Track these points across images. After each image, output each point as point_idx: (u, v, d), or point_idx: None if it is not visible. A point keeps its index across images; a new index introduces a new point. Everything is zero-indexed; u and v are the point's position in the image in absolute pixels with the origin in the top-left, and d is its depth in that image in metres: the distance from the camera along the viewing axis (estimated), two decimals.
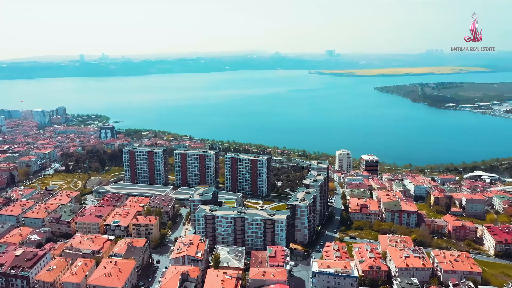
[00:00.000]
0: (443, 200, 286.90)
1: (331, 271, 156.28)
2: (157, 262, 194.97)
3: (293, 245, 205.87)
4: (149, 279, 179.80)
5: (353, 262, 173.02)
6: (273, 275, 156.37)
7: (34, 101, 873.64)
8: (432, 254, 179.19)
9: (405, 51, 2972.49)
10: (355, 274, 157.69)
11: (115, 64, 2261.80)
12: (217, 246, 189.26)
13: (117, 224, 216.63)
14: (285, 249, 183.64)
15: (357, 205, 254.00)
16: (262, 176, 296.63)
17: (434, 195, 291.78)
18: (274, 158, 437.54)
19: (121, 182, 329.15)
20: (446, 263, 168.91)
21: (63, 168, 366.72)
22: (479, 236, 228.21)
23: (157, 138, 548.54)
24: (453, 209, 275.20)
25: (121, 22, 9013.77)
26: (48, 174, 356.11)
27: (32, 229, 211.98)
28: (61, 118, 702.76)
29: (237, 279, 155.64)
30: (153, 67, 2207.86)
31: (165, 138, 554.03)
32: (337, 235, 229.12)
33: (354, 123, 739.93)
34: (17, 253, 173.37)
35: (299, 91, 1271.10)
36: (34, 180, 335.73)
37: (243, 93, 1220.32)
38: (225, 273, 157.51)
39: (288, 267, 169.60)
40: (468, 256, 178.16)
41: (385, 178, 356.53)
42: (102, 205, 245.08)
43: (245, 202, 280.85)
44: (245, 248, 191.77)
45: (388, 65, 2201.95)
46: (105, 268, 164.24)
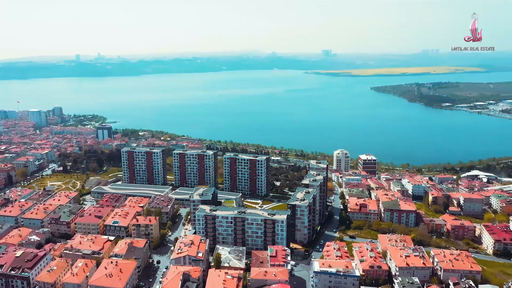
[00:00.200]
0: (441, 200, 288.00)
1: (333, 270, 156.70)
2: (157, 262, 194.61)
3: (293, 245, 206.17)
4: (150, 279, 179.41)
5: (354, 262, 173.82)
6: (274, 275, 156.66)
7: (30, 102, 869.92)
8: (432, 253, 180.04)
9: (400, 51, 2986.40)
10: (357, 274, 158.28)
11: (111, 64, 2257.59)
12: (218, 246, 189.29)
13: (117, 225, 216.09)
14: (286, 248, 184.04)
15: (356, 204, 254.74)
16: (261, 176, 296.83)
17: (432, 194, 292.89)
18: (272, 158, 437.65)
19: (119, 183, 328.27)
20: (446, 262, 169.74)
21: (60, 169, 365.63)
22: (477, 235, 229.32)
23: (155, 138, 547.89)
24: (451, 208, 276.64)
25: (117, 22, 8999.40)
26: (46, 175, 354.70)
27: (31, 230, 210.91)
28: (57, 118, 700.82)
29: (238, 279, 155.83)
30: (149, 67, 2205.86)
31: (162, 138, 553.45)
32: (336, 234, 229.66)
33: (351, 123, 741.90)
34: (17, 254, 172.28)
35: (295, 91, 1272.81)
36: (32, 181, 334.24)
37: (239, 93, 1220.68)
38: (226, 273, 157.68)
39: (289, 266, 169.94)
40: (467, 255, 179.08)
41: (383, 177, 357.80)
42: (101, 205, 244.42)
43: (244, 202, 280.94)
44: (245, 248, 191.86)
45: (384, 65, 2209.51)
46: (106, 268, 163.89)
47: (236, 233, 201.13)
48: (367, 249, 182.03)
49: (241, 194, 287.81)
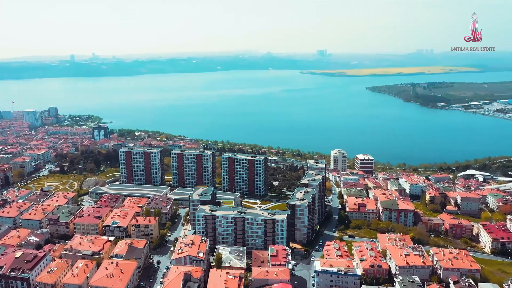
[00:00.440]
0: (438, 199, 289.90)
1: (334, 270, 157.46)
2: (157, 262, 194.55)
3: (293, 245, 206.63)
4: (150, 279, 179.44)
5: (354, 261, 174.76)
6: (276, 274, 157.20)
7: (25, 102, 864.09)
8: (432, 252, 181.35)
9: (395, 51, 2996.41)
10: (358, 273, 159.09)
11: (106, 64, 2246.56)
12: (218, 246, 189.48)
13: (116, 225, 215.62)
14: (287, 248, 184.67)
15: (354, 204, 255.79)
16: (260, 176, 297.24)
17: (429, 193, 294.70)
18: (269, 158, 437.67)
19: (117, 183, 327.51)
20: (446, 260, 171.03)
21: (57, 169, 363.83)
22: (475, 234, 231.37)
23: (151, 138, 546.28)
24: (448, 207, 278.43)
25: (111, 22, 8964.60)
26: (43, 175, 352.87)
27: (30, 230, 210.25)
28: (53, 118, 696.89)
29: (240, 278, 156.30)
30: (144, 67, 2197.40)
31: (159, 138, 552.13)
32: (336, 234, 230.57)
33: (347, 123, 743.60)
34: (17, 255, 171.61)
35: (291, 91, 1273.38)
36: (29, 181, 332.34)
37: (235, 93, 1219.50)
38: (227, 273, 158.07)
39: (290, 266, 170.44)
40: (466, 253, 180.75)
41: (380, 177, 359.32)
42: (100, 206, 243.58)
43: (242, 202, 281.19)
44: (245, 248, 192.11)
45: (379, 65, 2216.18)
46: (106, 269, 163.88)
47: (236, 233, 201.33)
48: (367, 248, 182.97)
49: (239, 194, 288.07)
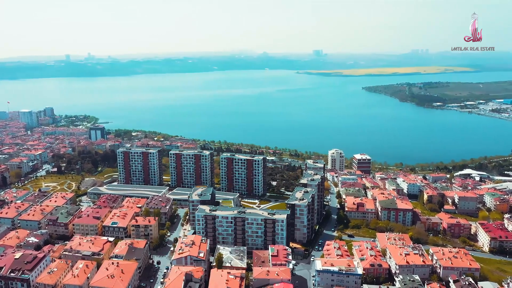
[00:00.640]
0: (436, 198, 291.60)
1: (335, 269, 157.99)
2: (157, 263, 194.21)
3: (292, 244, 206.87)
4: (151, 280, 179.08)
5: (354, 260, 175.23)
6: (277, 274, 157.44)
7: (20, 102, 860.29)
8: (431, 251, 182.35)
9: (391, 51, 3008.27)
10: (359, 272, 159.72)
11: (101, 64, 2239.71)
12: (219, 246, 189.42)
13: (115, 226, 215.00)
14: (287, 248, 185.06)
15: (353, 203, 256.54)
16: (258, 176, 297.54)
17: (427, 193, 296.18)
18: (267, 158, 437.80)
19: (115, 183, 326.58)
20: (445, 259, 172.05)
21: (55, 170, 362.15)
22: (473, 233, 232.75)
23: (148, 138, 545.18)
24: (446, 207, 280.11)
25: (107, 22, 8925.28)
26: (40, 176, 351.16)
27: (29, 231, 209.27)
28: (49, 119, 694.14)
29: (241, 278, 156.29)
30: (140, 67, 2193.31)
31: (156, 138, 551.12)
32: (335, 233, 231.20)
33: (344, 122, 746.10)
34: (16, 255, 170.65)
35: (288, 91, 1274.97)
36: (26, 182, 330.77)
37: (232, 93, 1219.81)
38: (229, 273, 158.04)
39: (291, 266, 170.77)
40: (466, 252, 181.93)
41: (378, 176, 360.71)
42: (99, 206, 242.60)
43: (241, 202, 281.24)
44: (246, 248, 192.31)
45: (374, 65, 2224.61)
46: (107, 269, 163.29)
47: (236, 233, 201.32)
48: (367, 248, 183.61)
49: (238, 194, 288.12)
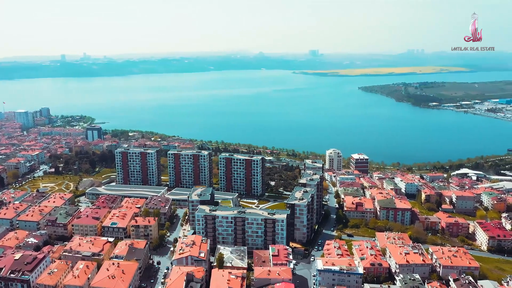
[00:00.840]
0: (433, 198, 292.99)
1: (336, 268, 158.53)
2: (157, 263, 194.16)
3: (292, 244, 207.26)
4: (151, 280, 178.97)
5: (355, 260, 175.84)
6: (278, 274, 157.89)
7: (16, 102, 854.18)
8: (431, 250, 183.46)
9: (386, 51, 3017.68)
10: (360, 271, 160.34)
11: (97, 64, 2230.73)
12: (219, 246, 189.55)
13: (115, 226, 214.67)
14: (288, 248, 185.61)
15: (352, 203, 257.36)
16: (257, 176, 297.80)
17: (425, 192, 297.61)
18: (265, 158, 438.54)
19: (113, 184, 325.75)
20: (445, 258, 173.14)
21: (52, 170, 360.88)
22: (471, 232, 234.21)
23: (145, 139, 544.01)
24: (443, 206, 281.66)
25: (102, 22, 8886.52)
26: (38, 176, 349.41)
27: (28, 232, 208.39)
28: (45, 119, 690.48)
29: (242, 278, 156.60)
30: (136, 67, 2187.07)
31: (153, 138, 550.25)
32: (334, 233, 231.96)
33: (341, 122, 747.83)
34: (16, 256, 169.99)
35: (284, 91, 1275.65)
36: (24, 183, 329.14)
37: (228, 93, 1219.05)
38: (230, 273, 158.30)
39: (291, 265, 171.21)
40: (465, 251, 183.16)
41: (375, 176, 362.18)
42: (98, 207, 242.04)
43: (240, 202, 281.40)
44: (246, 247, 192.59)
45: (370, 65, 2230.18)
46: (107, 270, 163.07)
47: (236, 233, 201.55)
48: (367, 247, 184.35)
49: (237, 194, 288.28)
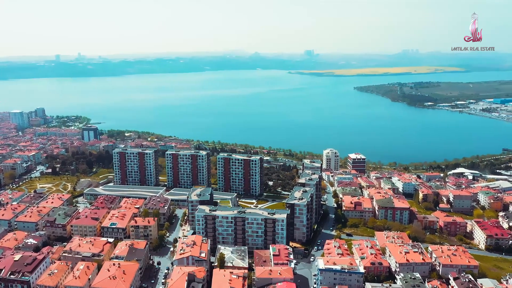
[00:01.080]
0: (431, 197, 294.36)
1: (338, 267, 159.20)
2: (158, 263, 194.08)
3: (292, 244, 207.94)
4: (152, 280, 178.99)
5: (355, 259, 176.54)
6: (279, 273, 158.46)
7: (11, 102, 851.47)
8: (430, 249, 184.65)
9: (382, 51, 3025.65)
10: (361, 270, 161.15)
11: (92, 64, 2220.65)
12: (220, 246, 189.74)
13: (114, 226, 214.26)
14: (288, 247, 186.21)
15: (351, 203, 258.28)
16: (255, 176, 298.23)
17: (422, 192, 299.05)
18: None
19: (111, 184, 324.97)
20: (445, 257, 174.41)
21: (49, 171, 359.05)
22: (468, 231, 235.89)
23: (141, 139, 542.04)
24: (441, 205, 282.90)
25: (97, 22, 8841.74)
26: (35, 177, 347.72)
27: (26, 233, 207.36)
28: (40, 119, 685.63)
29: (243, 278, 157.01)
30: (131, 67, 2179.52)
31: (149, 139, 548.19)
32: (333, 233, 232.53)
33: (337, 122, 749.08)
34: (16, 257, 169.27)
35: (280, 91, 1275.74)
36: (21, 183, 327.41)
37: (224, 93, 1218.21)
38: (231, 273, 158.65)
39: (292, 265, 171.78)
40: (464, 250, 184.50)
41: (373, 176, 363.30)
42: (97, 207, 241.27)
43: (238, 202, 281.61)
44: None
45: (366, 65, 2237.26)
46: (108, 270, 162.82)
47: (236, 233, 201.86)
48: (367, 247, 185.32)
49: (236, 194, 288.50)
